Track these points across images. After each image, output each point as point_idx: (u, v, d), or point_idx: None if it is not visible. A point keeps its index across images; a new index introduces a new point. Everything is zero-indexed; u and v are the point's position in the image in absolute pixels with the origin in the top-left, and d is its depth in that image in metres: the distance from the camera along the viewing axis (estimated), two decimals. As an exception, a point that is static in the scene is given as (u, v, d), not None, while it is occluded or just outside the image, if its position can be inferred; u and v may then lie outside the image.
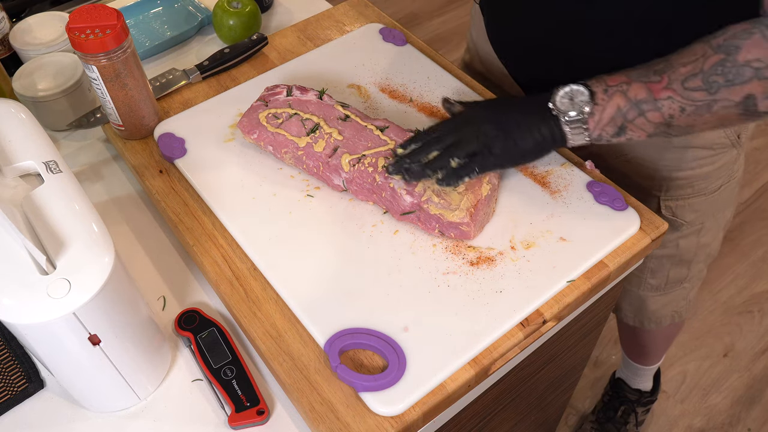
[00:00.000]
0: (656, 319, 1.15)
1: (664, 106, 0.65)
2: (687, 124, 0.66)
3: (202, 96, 0.91)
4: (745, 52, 0.61)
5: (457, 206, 0.69)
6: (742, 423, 1.57)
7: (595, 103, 0.68)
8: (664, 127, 0.67)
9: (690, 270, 1.06)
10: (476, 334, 0.65)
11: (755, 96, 0.62)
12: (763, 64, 0.61)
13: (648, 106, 0.66)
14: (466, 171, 0.70)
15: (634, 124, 0.67)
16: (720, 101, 0.63)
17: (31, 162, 0.61)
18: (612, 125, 0.68)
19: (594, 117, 0.68)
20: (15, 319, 0.51)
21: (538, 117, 0.70)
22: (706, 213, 0.96)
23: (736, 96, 0.62)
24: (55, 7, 1.12)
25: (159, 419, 0.65)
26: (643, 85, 0.66)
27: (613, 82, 0.67)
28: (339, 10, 1.05)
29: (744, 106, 0.63)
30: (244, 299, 0.69)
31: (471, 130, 0.70)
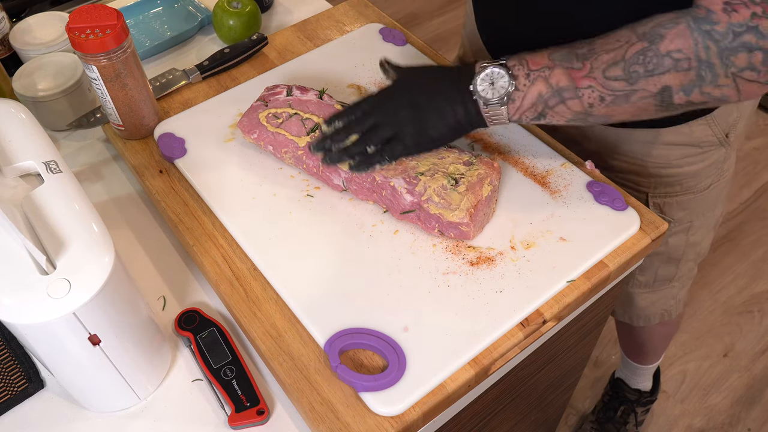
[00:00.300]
0: (645, 316, 1.16)
1: (585, 95, 0.65)
2: (605, 114, 0.66)
3: (202, 96, 0.91)
4: (667, 41, 0.61)
5: (457, 206, 0.69)
6: (742, 423, 1.57)
7: (516, 88, 0.66)
8: (583, 115, 0.67)
9: (679, 268, 1.06)
10: (476, 334, 0.65)
11: (671, 88, 0.62)
12: (683, 55, 0.60)
13: (569, 94, 0.65)
14: (377, 159, 0.70)
15: (554, 111, 0.67)
16: (638, 92, 0.63)
17: (31, 162, 0.61)
18: (532, 111, 0.67)
19: (515, 103, 0.67)
20: (15, 319, 0.51)
21: (458, 98, 0.69)
22: (695, 211, 0.96)
23: (653, 87, 0.62)
24: (55, 7, 1.12)
25: (159, 419, 0.65)
26: (565, 71, 0.65)
27: (535, 65, 0.66)
28: (339, 10, 1.05)
29: (660, 98, 0.63)
30: (244, 299, 0.69)
31: (388, 114, 0.70)
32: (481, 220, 0.72)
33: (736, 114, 0.87)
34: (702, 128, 0.86)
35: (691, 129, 0.85)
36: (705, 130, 0.86)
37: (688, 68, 0.60)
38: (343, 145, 0.71)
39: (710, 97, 0.62)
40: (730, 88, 0.61)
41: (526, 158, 0.80)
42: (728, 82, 0.61)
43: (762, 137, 2.16)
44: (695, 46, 0.60)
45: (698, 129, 0.85)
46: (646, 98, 0.63)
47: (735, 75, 0.60)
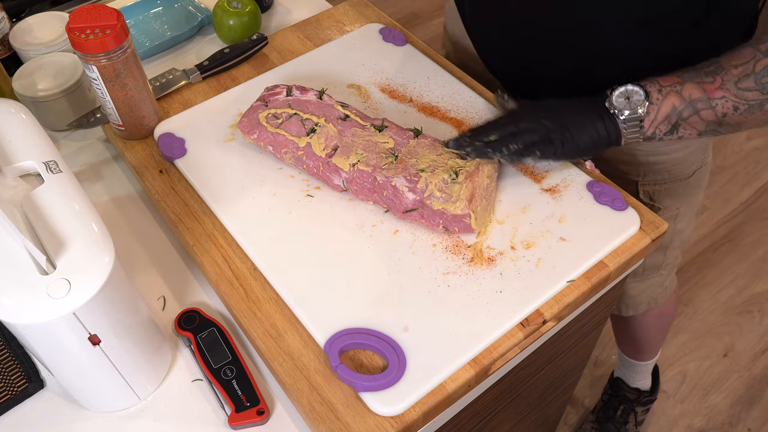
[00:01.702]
0: (634, 305, 1.17)
1: (718, 105, 0.68)
2: (737, 122, 0.69)
3: (202, 96, 0.91)
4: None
5: (457, 197, 0.69)
6: (742, 423, 1.57)
7: (650, 102, 0.70)
8: (715, 125, 0.70)
9: (666, 256, 1.08)
10: (476, 334, 0.65)
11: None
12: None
13: (702, 105, 0.69)
14: (529, 152, 0.72)
15: (688, 123, 0.70)
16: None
17: (31, 162, 0.61)
18: (666, 123, 0.71)
19: (650, 116, 0.71)
20: (15, 319, 0.51)
21: (595, 115, 0.72)
22: (681, 198, 0.98)
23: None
24: (55, 7, 1.12)
25: (159, 419, 0.65)
26: (696, 85, 0.69)
27: (666, 82, 0.70)
28: (339, 10, 1.05)
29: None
30: (244, 299, 0.69)
31: (530, 123, 0.73)
32: (481, 212, 0.72)
33: None
34: None
35: None
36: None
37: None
38: (484, 140, 0.72)
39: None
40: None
41: (526, 158, 0.80)
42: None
43: (762, 137, 2.16)
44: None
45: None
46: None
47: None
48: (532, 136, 0.72)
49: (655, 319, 1.29)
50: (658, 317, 1.28)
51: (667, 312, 1.28)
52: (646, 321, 1.29)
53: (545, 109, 0.74)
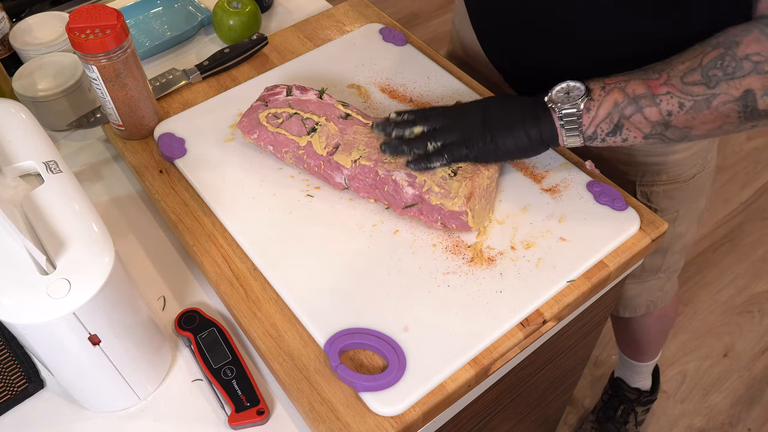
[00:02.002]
0: (631, 306, 1.16)
1: (663, 102, 0.64)
2: (685, 125, 0.65)
3: (202, 96, 0.91)
4: (744, 46, 0.60)
5: (456, 194, 0.69)
6: (742, 423, 1.57)
7: (591, 98, 0.67)
8: (662, 127, 0.66)
9: (665, 259, 1.07)
10: (476, 334, 0.65)
11: (754, 91, 0.61)
12: (763, 57, 0.60)
13: (646, 102, 0.65)
14: (437, 157, 0.70)
15: (631, 122, 0.66)
16: (719, 96, 0.62)
17: (31, 162, 0.61)
18: (608, 122, 0.67)
19: (590, 113, 0.67)
20: (15, 319, 0.51)
21: (531, 116, 0.69)
22: (680, 201, 0.97)
23: (735, 90, 0.61)
24: (55, 7, 1.12)
25: (159, 419, 0.65)
26: (641, 81, 0.65)
27: (612, 80, 0.67)
28: (339, 10, 1.05)
29: (743, 102, 0.62)
30: (244, 299, 0.69)
31: (457, 120, 0.71)
32: (480, 211, 0.72)
33: None
34: None
35: None
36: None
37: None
38: (410, 134, 0.72)
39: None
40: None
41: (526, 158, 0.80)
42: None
43: (762, 137, 2.16)
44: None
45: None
46: (728, 103, 0.62)
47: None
48: (453, 135, 0.70)
49: (656, 322, 1.28)
50: (659, 319, 1.27)
51: (667, 314, 1.28)
52: (646, 323, 1.28)
53: (480, 108, 0.72)
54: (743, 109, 0.62)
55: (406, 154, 0.72)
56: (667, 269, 1.09)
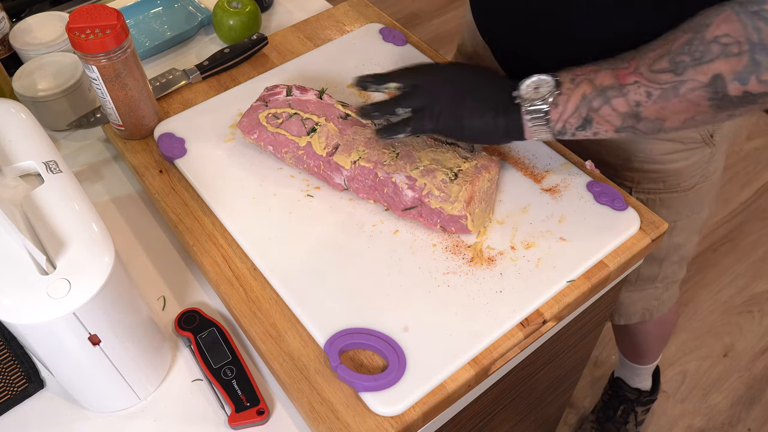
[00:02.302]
0: (626, 314, 1.15)
1: (630, 92, 0.61)
2: (656, 116, 0.62)
3: (202, 96, 0.91)
4: (713, 28, 0.57)
5: (455, 198, 0.69)
6: (742, 423, 1.57)
7: (560, 92, 0.64)
8: (632, 119, 0.63)
9: (661, 269, 1.05)
10: (476, 334, 0.65)
11: (723, 76, 0.57)
12: (731, 39, 0.56)
13: (614, 93, 0.62)
14: (401, 128, 0.69)
15: (600, 115, 0.63)
16: (687, 82, 0.58)
17: (31, 162, 0.61)
18: (576, 116, 0.64)
19: (558, 108, 0.65)
20: (15, 319, 0.51)
21: (502, 105, 0.67)
22: (678, 211, 0.95)
23: (702, 76, 0.58)
24: (55, 7, 1.12)
25: (159, 419, 0.65)
26: (610, 71, 0.62)
27: (582, 71, 0.64)
28: (339, 10, 1.05)
29: (713, 89, 0.58)
30: (244, 299, 0.69)
31: (431, 84, 0.70)
32: (479, 213, 0.72)
33: None
34: None
35: None
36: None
37: (738, 53, 0.56)
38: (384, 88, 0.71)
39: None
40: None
41: (526, 158, 0.80)
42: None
43: (762, 137, 2.16)
44: (744, 29, 0.55)
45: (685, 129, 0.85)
46: (697, 90, 0.58)
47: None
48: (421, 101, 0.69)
49: (656, 327, 1.27)
50: (659, 325, 1.26)
51: (668, 320, 1.26)
52: (646, 328, 1.27)
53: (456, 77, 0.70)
54: (713, 96, 0.58)
55: (377, 119, 0.71)
56: (664, 279, 1.07)
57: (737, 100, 0.58)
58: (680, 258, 1.05)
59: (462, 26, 1.08)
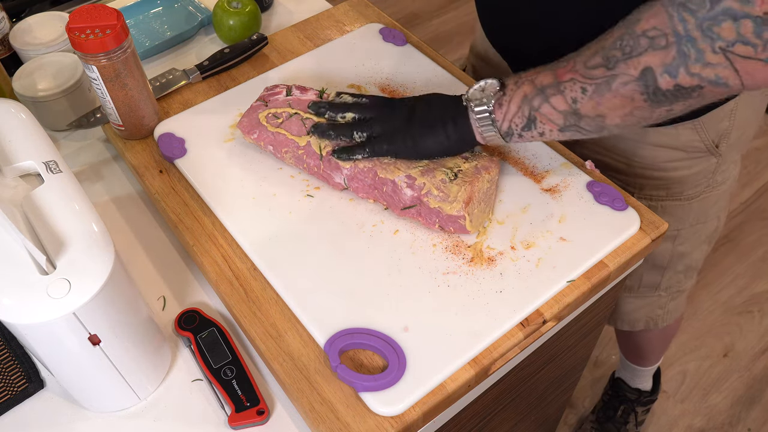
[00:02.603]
0: (630, 320, 1.14)
1: (567, 89, 0.62)
2: (595, 112, 0.62)
3: (202, 96, 0.91)
4: (643, 22, 0.56)
5: (454, 198, 0.69)
6: (742, 423, 1.57)
7: (503, 93, 0.66)
8: (573, 117, 0.63)
9: (664, 277, 1.04)
10: (476, 334, 0.65)
11: (653, 69, 0.56)
12: (658, 32, 0.55)
13: (552, 90, 0.63)
14: (359, 150, 0.72)
15: (542, 114, 0.65)
16: (619, 76, 0.58)
17: (31, 162, 0.61)
18: (520, 116, 0.66)
19: (502, 108, 0.66)
20: (15, 319, 0.51)
21: (451, 115, 0.70)
22: (682, 220, 0.94)
23: (633, 70, 0.57)
24: (55, 7, 1.12)
25: (159, 419, 0.65)
26: (551, 71, 0.64)
27: (526, 74, 0.66)
28: (339, 10, 1.05)
29: (644, 83, 0.58)
30: (244, 299, 0.69)
31: (386, 114, 0.72)
32: (478, 214, 0.72)
33: (728, 123, 0.85)
34: (688, 132, 0.84)
35: (677, 132, 0.84)
36: (691, 134, 0.84)
37: (665, 45, 0.55)
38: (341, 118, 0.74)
39: (703, 79, 0.55)
40: (724, 67, 0.54)
41: (526, 158, 0.80)
42: (719, 60, 0.53)
43: (762, 137, 2.16)
44: (670, 21, 0.54)
45: (684, 133, 0.84)
46: (629, 84, 0.58)
47: (725, 50, 0.53)
48: (377, 128, 0.72)
49: (659, 333, 1.27)
50: (663, 331, 1.25)
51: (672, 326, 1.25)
52: (650, 334, 1.27)
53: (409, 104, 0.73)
54: (645, 89, 0.58)
55: (333, 140, 0.73)
56: (668, 288, 1.06)
57: (670, 94, 0.57)
58: (686, 267, 1.04)
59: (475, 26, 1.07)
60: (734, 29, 0.51)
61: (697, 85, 0.56)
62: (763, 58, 0.52)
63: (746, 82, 0.54)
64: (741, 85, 0.55)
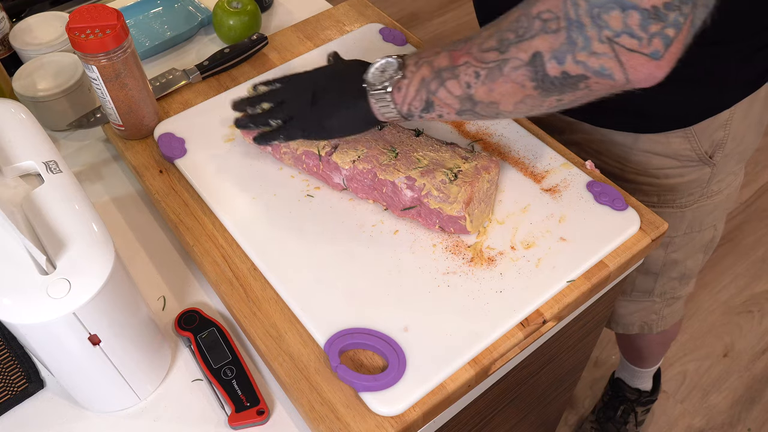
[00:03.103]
0: (623, 324, 1.13)
1: (461, 73, 0.59)
2: (488, 98, 0.59)
3: (202, 96, 0.91)
4: (540, 3, 0.54)
5: (455, 199, 0.69)
6: (742, 423, 1.57)
7: (403, 76, 0.64)
8: (468, 102, 0.61)
9: (657, 283, 1.03)
10: (476, 334, 0.65)
11: (542, 54, 0.54)
12: (552, 15, 0.53)
13: (447, 74, 0.60)
14: (275, 135, 0.73)
15: (438, 98, 0.62)
16: (510, 61, 0.56)
17: (31, 162, 0.61)
18: (419, 100, 0.64)
19: (401, 91, 0.64)
20: (15, 319, 0.51)
21: (353, 94, 0.67)
22: (675, 228, 0.94)
23: (524, 54, 0.55)
24: (55, 7, 1.11)
25: (159, 419, 0.65)
26: (448, 53, 0.61)
27: (426, 54, 0.63)
28: (339, 10, 1.05)
29: (533, 67, 0.55)
30: (244, 299, 0.69)
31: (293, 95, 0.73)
32: (478, 214, 0.72)
33: (723, 133, 0.84)
34: (679, 141, 0.84)
35: (668, 140, 0.84)
36: (683, 143, 0.84)
37: (556, 29, 0.53)
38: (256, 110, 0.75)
39: (588, 69, 0.53)
40: (609, 58, 0.52)
41: (526, 158, 0.80)
42: (605, 50, 0.51)
43: (762, 138, 2.16)
44: (563, 4, 0.52)
45: (676, 141, 0.84)
46: (519, 68, 0.56)
47: (611, 41, 0.51)
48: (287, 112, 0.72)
49: (659, 337, 1.26)
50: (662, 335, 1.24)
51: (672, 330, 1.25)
52: (648, 338, 1.26)
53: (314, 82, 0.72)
54: (534, 76, 0.56)
55: (254, 129, 0.75)
56: (662, 294, 1.05)
57: (558, 82, 0.55)
58: (680, 275, 1.03)
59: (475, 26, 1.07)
60: (621, 19, 0.49)
61: (582, 74, 0.54)
62: (647, 52, 0.50)
63: (630, 76, 0.52)
64: (625, 79, 0.53)
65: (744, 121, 0.84)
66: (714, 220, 0.97)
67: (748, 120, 0.85)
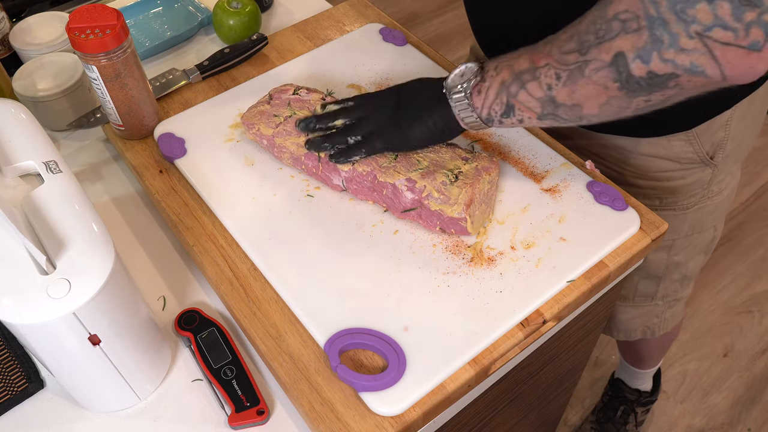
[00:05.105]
0: (625, 330, 1.13)
1: (542, 75, 0.60)
2: (571, 101, 0.59)
3: (202, 96, 0.91)
4: (615, 4, 0.53)
5: (455, 201, 0.69)
6: (742, 423, 1.57)
7: (482, 79, 0.64)
8: (550, 105, 0.61)
9: (660, 287, 1.03)
10: (476, 334, 0.65)
11: (625, 54, 0.53)
12: (630, 14, 0.52)
13: (528, 77, 0.61)
14: (355, 151, 0.72)
15: (519, 101, 0.63)
16: (591, 62, 0.56)
17: (31, 162, 0.61)
18: (499, 103, 0.64)
19: (480, 95, 0.64)
20: (15, 319, 0.51)
21: (435, 103, 0.68)
22: (676, 230, 0.94)
23: (605, 55, 0.55)
24: (55, 7, 1.12)
25: (159, 419, 0.65)
26: (528, 56, 0.61)
27: (506, 58, 0.63)
28: (339, 10, 1.05)
29: (616, 68, 0.55)
30: (244, 299, 0.69)
31: (373, 110, 0.72)
32: (479, 215, 0.72)
33: (723, 133, 0.84)
34: (681, 143, 0.83)
35: (669, 143, 0.84)
36: (684, 146, 0.84)
37: (637, 28, 0.52)
38: (327, 126, 0.74)
39: (678, 66, 0.51)
40: (701, 54, 0.49)
41: (526, 158, 0.80)
42: (695, 45, 0.49)
43: (762, 137, 2.16)
44: (642, 3, 0.51)
45: (677, 144, 0.83)
46: (601, 69, 0.56)
47: (701, 35, 0.48)
48: (369, 127, 0.71)
49: (659, 340, 1.26)
50: (662, 338, 1.25)
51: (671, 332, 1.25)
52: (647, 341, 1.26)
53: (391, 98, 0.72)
54: (618, 76, 0.55)
55: (329, 150, 0.73)
56: (664, 297, 1.05)
57: (644, 82, 0.54)
58: (682, 276, 1.03)
59: None
60: (710, 11, 0.47)
61: (672, 72, 0.52)
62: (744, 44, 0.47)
63: (727, 72, 0.50)
64: (721, 76, 0.51)
65: (743, 120, 0.84)
66: (714, 220, 0.97)
67: (747, 119, 0.85)
